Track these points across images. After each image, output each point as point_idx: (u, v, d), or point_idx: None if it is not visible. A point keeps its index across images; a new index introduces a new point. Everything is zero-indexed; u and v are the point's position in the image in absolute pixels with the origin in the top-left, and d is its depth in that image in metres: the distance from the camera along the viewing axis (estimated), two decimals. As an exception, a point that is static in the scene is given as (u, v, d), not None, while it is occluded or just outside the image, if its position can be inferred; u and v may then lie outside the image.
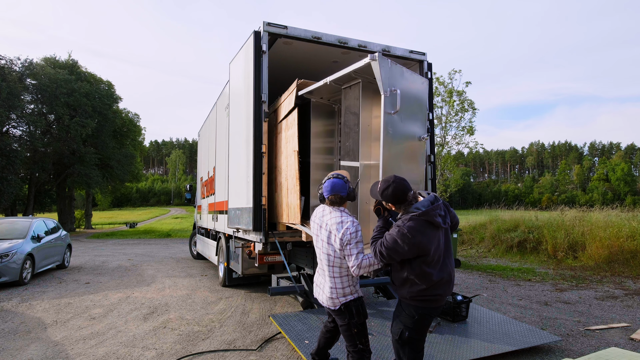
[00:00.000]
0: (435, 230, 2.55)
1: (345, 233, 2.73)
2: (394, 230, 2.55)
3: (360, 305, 2.85)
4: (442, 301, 2.66)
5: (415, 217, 2.52)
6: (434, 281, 2.55)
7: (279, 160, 5.19)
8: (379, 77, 2.93)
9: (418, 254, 2.50)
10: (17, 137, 24.50)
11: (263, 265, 5.87)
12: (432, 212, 2.53)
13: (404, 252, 2.49)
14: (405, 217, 2.58)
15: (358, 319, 2.80)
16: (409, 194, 2.64)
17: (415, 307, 2.62)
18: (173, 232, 26.16)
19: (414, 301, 2.61)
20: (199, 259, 11.85)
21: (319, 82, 4.06)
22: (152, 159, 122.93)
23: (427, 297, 2.58)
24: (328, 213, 2.88)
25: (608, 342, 4.50)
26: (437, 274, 2.56)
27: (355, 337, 2.79)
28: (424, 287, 2.56)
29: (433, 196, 2.64)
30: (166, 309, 6.04)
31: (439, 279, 2.56)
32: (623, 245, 9.49)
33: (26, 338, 4.74)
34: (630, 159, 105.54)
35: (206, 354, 4.17)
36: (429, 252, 2.50)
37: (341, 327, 2.86)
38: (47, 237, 9.55)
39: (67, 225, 28.04)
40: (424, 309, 2.62)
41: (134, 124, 35.75)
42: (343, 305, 2.80)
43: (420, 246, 2.48)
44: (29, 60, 24.22)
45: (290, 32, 5.10)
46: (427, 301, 2.60)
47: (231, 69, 6.31)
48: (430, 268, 2.54)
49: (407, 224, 2.50)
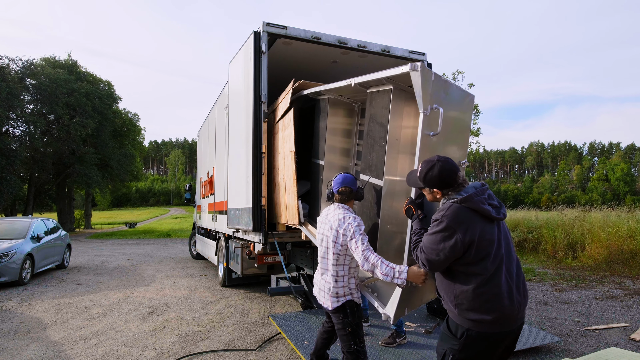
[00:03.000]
0: (486, 222, 2.04)
1: (348, 228, 2.70)
2: (432, 226, 2.11)
3: (356, 307, 2.84)
4: (503, 321, 2.00)
5: (457, 204, 2.05)
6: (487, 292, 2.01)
7: (277, 160, 5.19)
8: (419, 92, 2.49)
9: (464, 251, 2.01)
10: (17, 137, 24.47)
11: (262, 265, 5.88)
12: (477, 198, 2.06)
13: (446, 252, 2.02)
14: (444, 206, 2.12)
15: (352, 319, 2.79)
16: (459, 175, 2.15)
17: (465, 329, 2.05)
18: (172, 232, 26.14)
19: (461, 318, 2.07)
20: (198, 259, 11.85)
21: (341, 82, 3.66)
22: (151, 159, 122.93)
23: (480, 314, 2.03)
24: (332, 210, 2.90)
25: (608, 342, 4.51)
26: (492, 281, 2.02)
27: (350, 337, 2.78)
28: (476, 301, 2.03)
29: (480, 184, 2.19)
30: (166, 309, 6.04)
31: (497, 289, 2.01)
32: (622, 245, 9.50)
33: (26, 338, 4.74)
34: (630, 159, 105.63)
35: (206, 354, 4.17)
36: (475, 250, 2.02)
37: (336, 325, 2.87)
38: (47, 237, 9.55)
39: (66, 225, 28.00)
40: (478, 332, 2.02)
41: (134, 124, 35.73)
42: (338, 306, 2.80)
43: (465, 242, 1.99)
44: (30, 60, 24.24)
45: (289, 33, 5.10)
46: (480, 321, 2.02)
47: (231, 69, 6.31)
48: (482, 270, 2.01)
49: (446, 214, 2.04)
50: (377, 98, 3.32)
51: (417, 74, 2.48)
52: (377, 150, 3.23)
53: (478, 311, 1.98)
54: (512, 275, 2.04)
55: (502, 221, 2.14)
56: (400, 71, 2.67)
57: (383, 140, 3.11)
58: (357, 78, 3.35)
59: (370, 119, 3.39)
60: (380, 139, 3.17)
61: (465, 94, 3.10)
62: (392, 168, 3.09)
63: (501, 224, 2.13)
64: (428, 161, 2.20)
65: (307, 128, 5.38)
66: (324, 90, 4.16)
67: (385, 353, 3.90)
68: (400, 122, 3.10)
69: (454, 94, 2.91)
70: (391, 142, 3.05)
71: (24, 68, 23.76)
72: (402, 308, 2.69)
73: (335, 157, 4.44)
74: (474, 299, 1.99)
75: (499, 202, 2.15)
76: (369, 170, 3.39)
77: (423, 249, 2.12)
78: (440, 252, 2.04)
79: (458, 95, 2.99)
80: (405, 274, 2.43)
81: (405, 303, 2.70)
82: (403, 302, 2.67)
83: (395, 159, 3.09)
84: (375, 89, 3.37)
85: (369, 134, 3.40)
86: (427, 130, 2.56)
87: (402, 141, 3.10)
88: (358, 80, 3.34)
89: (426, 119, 2.54)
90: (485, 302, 1.98)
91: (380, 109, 3.22)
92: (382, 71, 2.97)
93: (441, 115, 2.55)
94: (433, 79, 2.56)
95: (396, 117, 3.06)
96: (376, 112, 3.29)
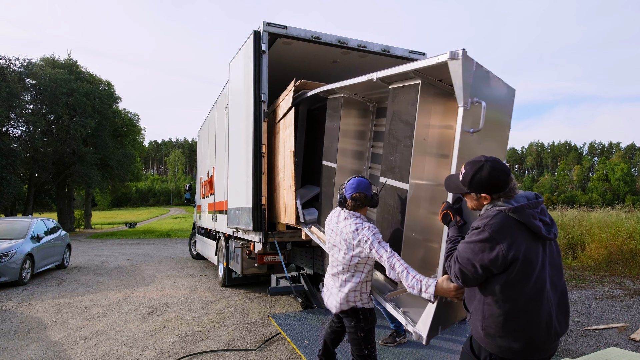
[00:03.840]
0: (532, 240, 1.77)
1: (363, 239, 2.55)
2: (471, 234, 1.83)
3: (369, 312, 2.76)
4: (533, 351, 1.78)
5: (504, 214, 1.78)
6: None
7: (277, 160, 5.20)
8: (459, 84, 2.23)
9: (504, 268, 1.74)
10: (17, 137, 24.49)
11: (263, 265, 5.88)
12: (528, 210, 1.78)
13: (485, 265, 1.75)
14: (488, 213, 1.84)
15: (365, 324, 2.72)
16: (511, 177, 1.87)
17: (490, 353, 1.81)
18: (172, 232, 26.14)
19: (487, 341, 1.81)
20: (198, 259, 11.85)
21: (360, 77, 3.40)
22: (151, 159, 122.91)
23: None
24: (343, 220, 2.74)
25: (607, 342, 4.51)
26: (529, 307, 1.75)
27: (362, 341, 2.72)
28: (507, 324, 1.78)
29: (533, 194, 1.91)
30: (166, 309, 6.04)
31: (533, 316, 1.74)
32: (622, 245, 9.50)
33: (25, 338, 4.74)
34: (630, 159, 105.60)
35: (206, 354, 4.17)
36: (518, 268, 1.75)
37: (348, 329, 2.79)
38: (47, 237, 9.56)
39: (66, 225, 28.01)
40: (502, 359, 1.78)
41: (134, 124, 35.73)
42: (350, 310, 2.72)
43: (507, 258, 1.72)
44: (28, 60, 24.26)
45: (290, 32, 5.10)
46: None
47: (231, 69, 6.31)
48: (519, 295, 1.75)
49: (490, 222, 1.77)
50: (401, 94, 3.03)
51: (457, 63, 2.20)
52: (401, 151, 2.96)
53: (507, 338, 1.75)
54: (552, 303, 1.78)
55: (553, 242, 1.87)
56: (434, 61, 2.38)
57: (408, 139, 2.85)
58: (379, 72, 3.08)
59: (392, 117, 3.11)
60: (405, 138, 2.90)
61: (507, 87, 2.80)
62: (419, 170, 2.84)
63: (552, 245, 1.86)
64: (474, 162, 1.91)
65: (316, 129, 5.32)
66: (337, 88, 3.94)
67: (385, 352, 3.90)
68: (428, 120, 2.84)
69: (495, 86, 2.64)
70: (418, 141, 2.80)
71: (23, 68, 23.77)
72: (435, 327, 2.37)
73: (348, 159, 4.20)
74: (504, 326, 1.75)
75: (550, 219, 1.87)
76: (390, 172, 3.07)
77: (458, 258, 1.86)
78: (477, 264, 1.77)
79: (499, 88, 2.71)
80: (433, 287, 2.16)
81: (439, 321, 2.38)
82: (437, 320, 2.35)
83: (422, 161, 2.85)
84: (399, 84, 3.05)
85: (391, 134, 3.10)
86: (466, 126, 2.29)
87: (429, 141, 2.86)
88: (380, 75, 3.07)
89: (466, 114, 2.28)
90: (517, 330, 1.75)
91: (406, 105, 2.93)
92: (409, 63, 2.72)
93: (484, 110, 2.29)
94: (474, 69, 2.30)
95: (424, 115, 2.81)
96: (400, 109, 3.01)
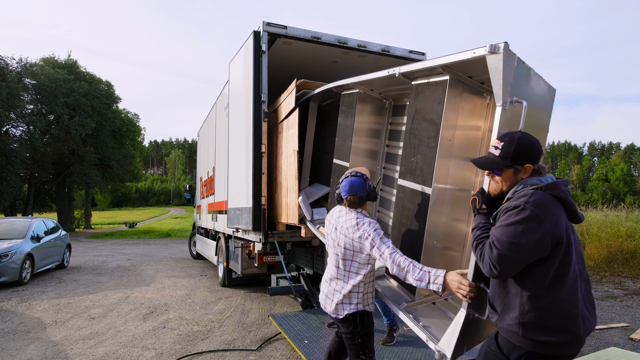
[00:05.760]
0: (566, 219, 1.65)
1: (364, 235, 2.49)
2: (509, 216, 1.63)
3: (367, 316, 2.69)
4: (574, 344, 1.66)
5: (541, 191, 1.64)
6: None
7: (279, 160, 5.19)
8: (499, 80, 2.03)
9: (550, 250, 1.58)
10: (17, 137, 24.48)
11: (262, 265, 5.88)
12: (563, 187, 1.67)
13: (530, 248, 1.56)
14: (524, 191, 1.68)
15: (362, 329, 2.65)
16: (542, 150, 1.76)
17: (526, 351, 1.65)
18: (172, 232, 26.13)
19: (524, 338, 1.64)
20: (198, 259, 11.85)
21: (381, 72, 3.22)
22: (151, 159, 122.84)
23: None
24: (344, 214, 2.69)
25: (607, 342, 4.51)
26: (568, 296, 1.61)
27: (359, 347, 2.67)
28: None
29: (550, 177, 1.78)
30: (165, 309, 6.04)
31: (574, 307, 1.62)
32: (622, 245, 9.50)
33: (25, 338, 4.74)
34: (630, 159, 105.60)
35: (205, 354, 4.17)
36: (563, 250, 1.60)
37: (344, 335, 2.74)
38: (47, 237, 9.55)
39: (66, 225, 28.00)
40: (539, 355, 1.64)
41: (134, 124, 35.73)
42: (348, 315, 2.65)
43: (554, 237, 1.56)
44: (26, 59, 24.29)
45: (289, 32, 5.11)
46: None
47: (231, 69, 6.31)
48: (563, 283, 1.60)
49: (529, 200, 1.60)
50: (426, 91, 2.83)
51: (497, 57, 1.99)
52: (423, 152, 2.77)
53: (551, 331, 1.59)
54: (583, 293, 1.67)
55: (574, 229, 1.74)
56: (469, 56, 2.17)
57: (433, 140, 2.66)
58: (402, 67, 2.91)
59: (414, 115, 2.92)
60: (429, 138, 2.71)
61: (548, 86, 2.56)
62: (443, 174, 2.65)
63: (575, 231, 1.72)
64: (509, 135, 1.81)
65: (325, 125, 5.23)
66: (353, 83, 3.75)
67: (385, 352, 3.90)
68: (455, 120, 2.65)
69: (536, 85, 2.39)
70: (443, 142, 2.61)
71: (22, 68, 23.78)
72: (461, 345, 2.19)
73: (361, 158, 4.02)
74: (549, 319, 1.59)
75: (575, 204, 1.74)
76: (410, 174, 2.90)
77: (495, 243, 1.63)
78: (521, 248, 1.56)
79: (540, 87, 2.46)
80: (442, 278, 2.11)
81: (465, 339, 2.17)
82: (463, 338, 2.15)
83: (447, 163, 2.67)
84: (423, 80, 2.86)
85: (413, 133, 2.92)
86: (504, 128, 2.09)
87: (455, 142, 2.67)
88: (404, 70, 2.88)
89: (504, 114, 2.07)
90: (561, 322, 1.59)
91: (431, 103, 2.74)
92: (438, 58, 2.52)
93: (524, 110, 2.09)
94: (516, 65, 2.08)
95: (451, 114, 2.62)
96: (424, 107, 2.82)
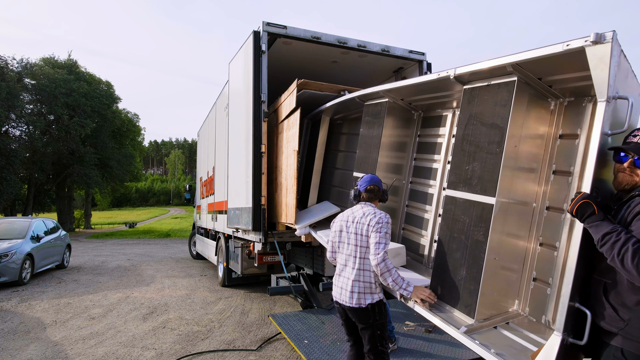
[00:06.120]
0: None
1: (379, 221, 2.65)
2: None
3: (384, 306, 2.77)
4: None
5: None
6: None
7: (279, 160, 5.20)
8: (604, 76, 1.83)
9: None
10: (17, 137, 24.48)
11: (262, 265, 5.88)
12: None
13: None
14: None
15: (380, 318, 2.69)
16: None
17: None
18: (172, 232, 26.12)
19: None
20: (198, 259, 11.85)
21: (430, 75, 2.94)
22: (151, 159, 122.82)
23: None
24: (359, 209, 2.84)
25: (607, 342, 4.50)
26: None
27: (377, 339, 2.69)
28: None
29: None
30: (165, 309, 6.04)
31: None
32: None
33: (25, 338, 4.74)
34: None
35: (205, 354, 4.17)
36: None
37: (362, 329, 2.73)
38: (47, 237, 9.55)
39: (66, 225, 27.98)
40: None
41: (133, 124, 35.71)
42: (370, 305, 2.67)
43: None
44: (26, 59, 24.28)
45: (289, 32, 5.11)
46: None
47: (230, 69, 6.31)
48: None
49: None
50: (484, 94, 2.63)
51: (605, 47, 1.79)
52: (482, 159, 2.54)
53: None
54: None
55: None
56: (561, 49, 1.94)
57: (496, 146, 2.43)
58: (458, 68, 2.66)
59: (469, 120, 2.71)
60: (491, 144, 2.49)
61: (637, 84, 2.31)
62: (507, 183, 2.43)
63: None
64: None
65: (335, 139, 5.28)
66: (383, 91, 3.50)
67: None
68: (521, 125, 2.45)
69: (631, 84, 2.19)
70: (509, 149, 2.38)
71: (22, 68, 23.77)
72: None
73: (383, 173, 3.73)
74: None
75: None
76: (464, 184, 2.64)
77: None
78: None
79: (635, 87, 2.24)
80: (412, 287, 2.54)
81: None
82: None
83: (512, 172, 2.45)
84: (481, 83, 2.66)
85: (466, 139, 2.69)
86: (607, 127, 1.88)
87: (520, 149, 2.46)
88: (460, 71, 2.63)
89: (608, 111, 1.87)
90: None
91: (492, 106, 2.54)
92: (506, 56, 2.29)
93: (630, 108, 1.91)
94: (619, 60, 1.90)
95: (518, 118, 2.42)
96: (483, 111, 2.61)
